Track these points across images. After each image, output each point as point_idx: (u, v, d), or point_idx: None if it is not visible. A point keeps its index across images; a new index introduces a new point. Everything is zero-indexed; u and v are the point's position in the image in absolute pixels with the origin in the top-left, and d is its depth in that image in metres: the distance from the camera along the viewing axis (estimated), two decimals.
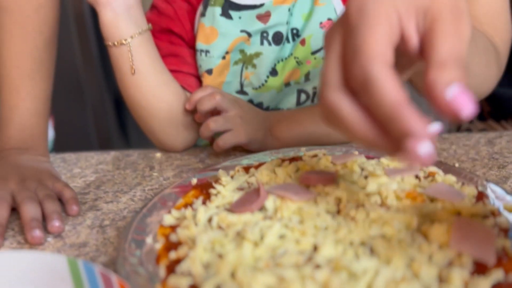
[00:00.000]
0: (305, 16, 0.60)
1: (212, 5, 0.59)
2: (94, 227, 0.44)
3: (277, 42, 0.59)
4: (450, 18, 0.29)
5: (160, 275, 0.33)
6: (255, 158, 0.51)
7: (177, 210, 0.41)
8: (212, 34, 0.59)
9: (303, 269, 0.31)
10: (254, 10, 0.59)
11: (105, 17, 0.53)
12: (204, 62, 0.61)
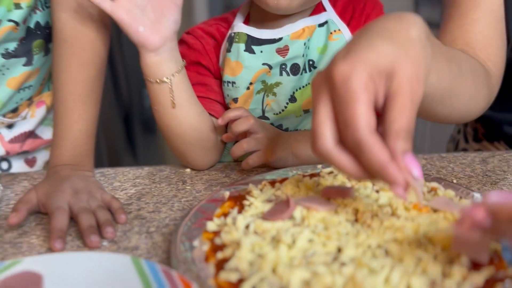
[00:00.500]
0: (320, 49, 0.67)
1: (236, 42, 0.67)
2: (142, 233, 0.51)
3: (294, 73, 0.67)
4: (409, 91, 0.37)
5: (210, 272, 0.40)
6: (277, 174, 0.59)
7: (217, 218, 0.48)
8: (237, 67, 0.67)
9: (331, 266, 0.38)
10: (274, 44, 0.67)
11: (149, 59, 0.58)
12: (231, 92, 0.68)
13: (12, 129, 0.76)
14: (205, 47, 0.69)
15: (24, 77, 0.71)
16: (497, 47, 0.65)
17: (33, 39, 0.70)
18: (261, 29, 0.67)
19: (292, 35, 0.66)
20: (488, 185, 0.60)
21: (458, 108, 0.56)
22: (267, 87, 0.67)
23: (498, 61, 0.65)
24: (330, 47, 0.67)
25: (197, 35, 0.70)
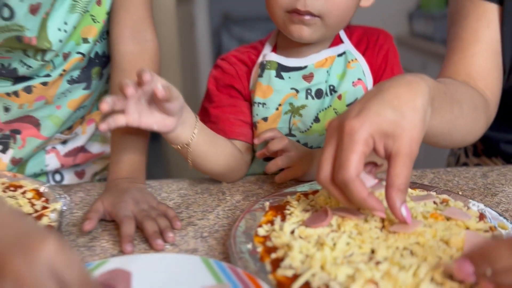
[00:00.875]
0: (339, 76, 0.77)
1: (268, 68, 0.76)
2: (197, 238, 0.60)
3: (318, 97, 0.76)
4: (408, 151, 0.48)
5: (267, 269, 0.49)
6: (307, 187, 0.67)
7: (264, 224, 0.57)
8: (268, 91, 0.76)
9: (369, 264, 0.47)
10: (300, 71, 0.76)
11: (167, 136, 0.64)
12: (260, 112, 0.77)
13: (66, 145, 0.85)
14: (238, 72, 0.78)
15: (82, 99, 0.81)
16: (495, 78, 0.75)
17: (92, 66, 0.80)
18: (288, 57, 0.76)
19: (316, 63, 0.76)
20: (489, 197, 0.69)
21: (458, 140, 0.68)
22: (294, 109, 0.77)
23: (495, 90, 0.75)
24: (348, 74, 0.76)
25: (231, 62, 0.79)
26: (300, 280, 0.45)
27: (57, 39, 0.72)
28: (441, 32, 2.53)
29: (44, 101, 0.78)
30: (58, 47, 0.73)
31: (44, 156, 0.85)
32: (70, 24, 0.73)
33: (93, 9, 0.75)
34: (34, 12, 0.70)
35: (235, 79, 0.78)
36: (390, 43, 0.80)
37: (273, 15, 0.72)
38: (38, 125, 0.81)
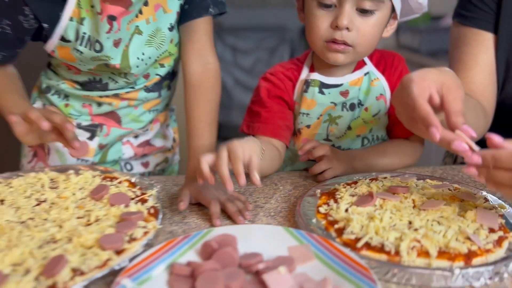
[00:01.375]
0: (365, 92, 0.94)
1: (312, 86, 0.92)
2: (267, 216, 0.77)
3: (351, 109, 0.94)
4: (456, 88, 0.64)
5: (333, 235, 0.66)
6: (346, 179, 0.85)
7: (321, 206, 0.74)
8: (312, 104, 0.93)
9: (410, 230, 0.64)
10: (338, 88, 0.93)
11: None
12: (304, 120, 0.94)
13: (137, 139, 1.05)
14: (286, 87, 0.95)
15: (154, 103, 1.01)
16: (490, 92, 0.94)
17: (164, 81, 0.99)
18: (328, 76, 0.93)
19: (350, 82, 0.93)
20: None
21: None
22: (332, 119, 0.94)
23: (491, 102, 0.94)
24: (372, 90, 0.94)
25: (279, 77, 0.95)
26: (363, 240, 0.63)
27: (135, 65, 0.92)
28: (426, 45, 2.73)
29: (127, 103, 0.99)
30: (137, 70, 0.93)
31: (121, 147, 1.04)
32: (147, 54, 0.92)
33: (168, 47, 0.94)
34: (117, 45, 0.89)
35: (283, 92, 0.94)
36: (403, 65, 0.98)
37: (313, 43, 0.89)
38: (120, 121, 1.01)
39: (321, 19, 0.85)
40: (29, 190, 0.81)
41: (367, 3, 0.82)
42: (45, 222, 0.71)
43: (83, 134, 1.00)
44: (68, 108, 1.01)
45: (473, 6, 0.97)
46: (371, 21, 0.84)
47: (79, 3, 0.84)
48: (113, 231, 0.66)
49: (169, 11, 0.92)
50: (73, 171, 0.87)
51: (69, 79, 0.98)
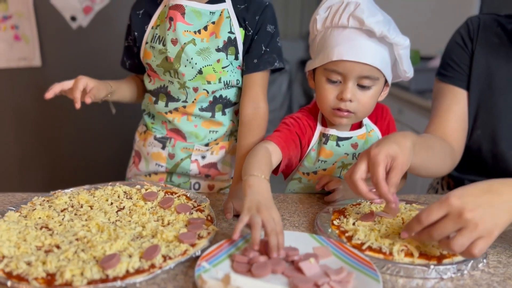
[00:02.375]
0: (365, 141, 1.20)
1: (331, 140, 1.16)
2: (292, 226, 1.01)
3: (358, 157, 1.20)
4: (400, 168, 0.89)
5: (344, 240, 0.92)
6: (352, 201, 1.10)
7: (334, 220, 0.99)
8: (330, 153, 1.16)
9: (400, 239, 0.90)
10: (349, 140, 1.17)
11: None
12: (322, 165, 1.17)
13: (204, 159, 1.29)
14: (305, 134, 1.17)
15: (209, 123, 1.27)
16: (460, 136, 1.21)
17: (216, 104, 1.24)
18: (340, 131, 1.17)
19: (358, 136, 1.18)
20: None
21: (432, 172, 1.12)
22: (344, 165, 1.19)
23: (460, 144, 1.21)
24: (369, 140, 1.19)
25: (302, 123, 1.17)
26: (366, 244, 0.88)
27: (184, 64, 1.18)
28: (415, 84, 3.00)
29: (186, 117, 1.25)
30: (185, 70, 1.18)
31: (189, 164, 1.29)
32: (194, 60, 1.17)
33: (213, 63, 1.19)
34: (174, 44, 1.17)
35: (303, 136, 1.16)
36: (390, 115, 1.24)
37: (322, 108, 1.12)
38: (184, 137, 1.28)
39: (329, 91, 1.09)
40: (110, 199, 1.05)
41: (365, 81, 1.06)
42: (129, 223, 0.95)
43: (157, 144, 1.30)
44: (153, 125, 1.31)
45: (450, 67, 1.25)
46: (369, 93, 1.08)
47: (159, 17, 1.20)
48: (186, 231, 0.91)
49: (219, 37, 1.19)
50: (139, 186, 1.12)
51: (148, 91, 1.28)
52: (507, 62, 1.18)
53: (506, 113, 1.17)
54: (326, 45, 1.07)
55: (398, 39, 1.04)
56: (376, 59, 1.04)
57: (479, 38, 1.22)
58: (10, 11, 2.18)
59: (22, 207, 1.01)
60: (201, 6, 1.17)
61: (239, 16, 1.20)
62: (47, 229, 0.92)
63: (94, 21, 2.21)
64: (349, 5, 1.04)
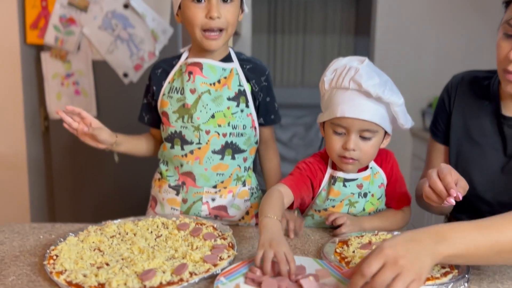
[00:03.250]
0: (371, 182, 1.36)
1: (339, 181, 1.33)
2: (304, 253, 1.18)
3: (364, 196, 1.34)
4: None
5: (343, 265, 1.07)
6: (356, 234, 1.26)
7: (337, 248, 1.16)
8: (338, 193, 1.33)
9: None
10: (355, 181, 1.34)
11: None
12: (330, 203, 1.34)
13: (214, 202, 1.47)
14: (316, 177, 1.36)
15: (218, 166, 1.44)
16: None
17: (226, 148, 1.44)
18: (347, 173, 1.35)
19: (363, 177, 1.35)
20: None
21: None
22: (351, 203, 1.35)
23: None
24: (375, 181, 1.35)
25: (313, 167, 1.36)
26: None
27: (199, 109, 1.40)
28: None
29: (198, 161, 1.43)
30: (199, 114, 1.39)
31: (201, 206, 1.47)
32: (208, 106, 1.39)
33: (224, 109, 1.41)
34: (193, 93, 1.40)
35: (315, 179, 1.35)
36: (394, 158, 1.40)
37: (330, 155, 1.31)
38: (195, 179, 1.45)
39: (335, 141, 1.27)
40: (150, 228, 1.26)
41: (366, 133, 1.23)
42: (164, 247, 1.15)
43: (172, 191, 1.48)
44: (167, 172, 1.50)
45: (437, 124, 1.45)
46: (370, 143, 1.25)
47: (175, 74, 1.44)
48: (210, 253, 1.10)
49: (230, 89, 1.42)
50: (175, 218, 1.33)
51: (164, 139, 1.47)
52: (478, 117, 1.35)
53: (479, 160, 1.33)
54: (332, 103, 1.26)
55: (392, 98, 1.22)
56: (374, 115, 1.22)
57: (457, 95, 1.40)
58: (73, 69, 2.52)
59: (79, 233, 1.23)
60: (215, 63, 1.43)
61: (246, 74, 1.45)
62: (99, 250, 1.14)
63: (143, 77, 2.50)
64: (350, 70, 1.24)
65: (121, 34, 2.47)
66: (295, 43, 6.03)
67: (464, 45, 3.82)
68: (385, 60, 3.85)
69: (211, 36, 1.35)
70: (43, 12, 2.50)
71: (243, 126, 1.44)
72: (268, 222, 1.10)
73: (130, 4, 2.44)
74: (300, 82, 6.18)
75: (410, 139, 3.81)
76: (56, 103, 2.56)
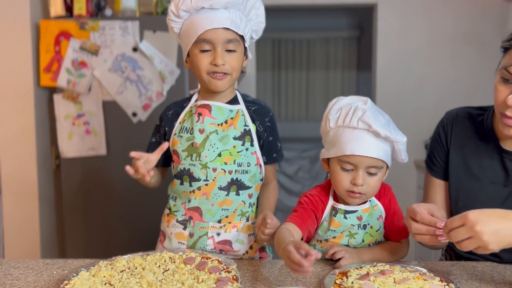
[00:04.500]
0: (370, 214, 1.42)
1: (340, 213, 1.40)
2: (306, 285, 1.23)
3: (364, 228, 1.39)
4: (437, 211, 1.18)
5: None
6: (355, 265, 1.31)
7: (337, 279, 1.21)
8: (339, 224, 1.39)
9: None
10: (355, 213, 1.40)
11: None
12: (331, 234, 1.40)
13: (219, 236, 1.52)
14: (318, 208, 1.43)
15: (224, 202, 1.51)
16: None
17: (232, 185, 1.50)
18: (348, 205, 1.41)
19: (363, 210, 1.41)
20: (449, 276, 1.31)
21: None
22: (351, 234, 1.41)
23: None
24: (374, 213, 1.41)
25: (316, 199, 1.43)
26: None
27: (207, 148, 1.47)
28: None
29: (205, 197, 1.50)
30: (207, 153, 1.46)
31: (206, 240, 1.52)
32: (216, 145, 1.47)
33: (230, 148, 1.49)
34: (201, 133, 1.48)
35: (317, 211, 1.41)
36: (391, 192, 1.46)
37: (338, 190, 1.37)
38: (201, 214, 1.52)
39: (344, 177, 1.34)
40: (158, 263, 1.32)
41: (372, 169, 1.32)
42: (172, 281, 1.21)
43: (179, 226, 1.54)
44: (174, 207, 1.56)
45: (434, 160, 1.51)
46: (375, 178, 1.34)
47: (186, 115, 1.52)
48: (215, 286, 1.16)
49: (236, 129, 1.50)
50: (181, 253, 1.39)
51: (174, 176, 1.54)
52: (477, 152, 1.41)
53: (480, 194, 1.38)
54: (340, 141, 1.34)
55: (398, 137, 1.33)
56: (380, 152, 1.32)
57: (453, 132, 1.46)
58: (84, 110, 2.63)
59: (91, 268, 1.29)
60: (223, 105, 1.52)
61: (251, 115, 1.54)
62: (110, 284, 1.20)
63: (151, 116, 2.61)
64: (357, 110, 1.33)
65: (130, 75, 2.59)
66: (298, 79, 6.19)
67: (463, 78, 3.92)
68: (387, 94, 3.96)
69: (217, 77, 1.44)
70: (56, 56, 2.63)
71: (247, 164, 1.51)
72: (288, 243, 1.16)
73: (138, 47, 2.57)
74: (304, 116, 6.29)
75: (415, 172, 3.86)
76: (67, 142, 2.66)
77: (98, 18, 2.63)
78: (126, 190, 2.65)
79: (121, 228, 2.71)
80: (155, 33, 2.58)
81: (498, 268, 1.35)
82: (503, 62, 1.27)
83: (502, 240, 1.05)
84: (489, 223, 1.04)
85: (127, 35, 2.57)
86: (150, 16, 2.67)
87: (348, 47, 6.04)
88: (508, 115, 1.25)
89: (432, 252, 3.02)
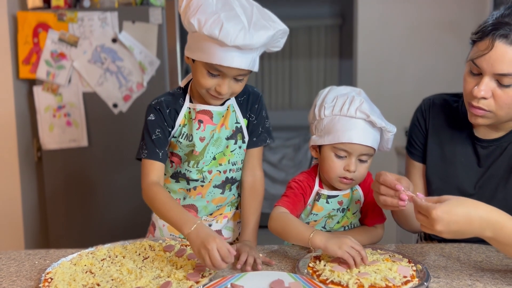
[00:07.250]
0: (349, 198, 1.47)
1: (322, 198, 1.44)
2: (281, 269, 1.28)
3: (342, 212, 1.45)
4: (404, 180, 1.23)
5: (314, 278, 1.17)
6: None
7: (311, 263, 1.26)
8: (320, 208, 1.44)
9: (357, 274, 1.15)
10: (336, 198, 1.45)
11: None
12: (313, 217, 1.45)
13: (210, 227, 1.55)
14: (307, 193, 1.46)
15: (219, 199, 1.55)
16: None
17: (227, 183, 1.54)
18: (330, 191, 1.46)
19: (343, 195, 1.46)
20: (418, 256, 1.37)
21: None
22: (329, 216, 1.46)
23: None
24: (353, 197, 1.47)
25: (304, 184, 1.45)
26: (330, 279, 1.14)
27: (206, 156, 1.47)
28: None
29: (201, 196, 1.53)
30: (205, 160, 1.47)
31: None
32: (211, 150, 1.47)
33: (223, 149, 1.50)
34: (202, 141, 1.46)
35: (306, 195, 1.45)
36: (371, 177, 1.51)
37: (329, 177, 1.41)
38: (197, 211, 1.55)
39: (337, 164, 1.38)
40: (138, 251, 1.36)
41: (364, 156, 1.37)
42: (151, 267, 1.25)
43: None
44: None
45: (413, 145, 1.55)
46: (365, 165, 1.39)
47: (185, 116, 1.45)
48: (193, 271, 1.20)
49: (227, 128, 1.48)
50: (161, 241, 1.42)
51: (167, 174, 1.52)
52: (452, 139, 1.47)
53: (454, 179, 1.44)
54: (336, 129, 1.38)
55: (390, 128, 1.39)
56: (374, 141, 1.39)
57: (430, 117, 1.51)
58: (64, 102, 2.64)
59: (73, 258, 1.33)
60: (222, 109, 1.46)
61: (241, 107, 1.50)
62: (91, 272, 1.23)
63: (132, 107, 2.62)
64: (355, 100, 1.38)
65: (110, 66, 2.60)
66: (281, 68, 6.21)
67: (443, 66, 3.98)
68: (368, 81, 4.00)
69: (216, 97, 1.37)
70: (35, 48, 2.62)
71: (241, 161, 1.55)
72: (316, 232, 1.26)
73: (118, 38, 2.57)
74: (288, 104, 6.33)
75: (395, 158, 3.94)
76: (48, 134, 2.66)
77: (76, 9, 2.62)
78: (108, 180, 2.68)
79: (103, 219, 2.74)
80: (134, 24, 2.58)
81: (465, 249, 1.41)
82: (471, 54, 1.31)
83: (457, 236, 1.10)
84: (450, 226, 1.09)
85: (106, 26, 2.57)
86: (129, 6, 2.67)
87: (330, 35, 6.07)
88: (474, 105, 1.30)
89: (413, 236, 3.10)
